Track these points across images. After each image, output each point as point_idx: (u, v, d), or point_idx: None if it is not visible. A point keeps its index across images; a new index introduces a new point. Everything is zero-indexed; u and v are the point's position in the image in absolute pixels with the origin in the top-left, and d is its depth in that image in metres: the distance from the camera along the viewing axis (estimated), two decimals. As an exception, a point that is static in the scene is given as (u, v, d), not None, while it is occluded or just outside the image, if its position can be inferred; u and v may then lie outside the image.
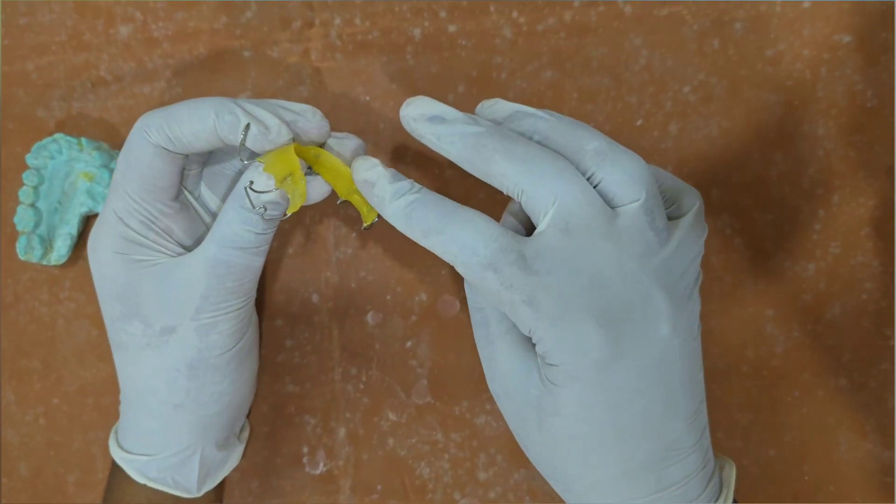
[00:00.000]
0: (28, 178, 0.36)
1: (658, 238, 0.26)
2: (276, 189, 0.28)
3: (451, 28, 0.37)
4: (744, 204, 0.36)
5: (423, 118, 0.27)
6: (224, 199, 0.33)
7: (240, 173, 0.33)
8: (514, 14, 0.36)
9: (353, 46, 0.37)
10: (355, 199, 0.30)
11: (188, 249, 0.31)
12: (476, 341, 0.29)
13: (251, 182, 0.28)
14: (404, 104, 0.28)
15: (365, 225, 0.30)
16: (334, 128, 0.31)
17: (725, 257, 0.37)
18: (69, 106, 0.38)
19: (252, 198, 0.28)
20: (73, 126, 0.38)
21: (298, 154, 0.29)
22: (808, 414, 0.37)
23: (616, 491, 0.27)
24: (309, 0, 0.37)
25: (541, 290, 0.25)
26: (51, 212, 0.37)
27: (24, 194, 0.36)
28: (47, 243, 0.37)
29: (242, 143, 0.28)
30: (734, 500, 0.29)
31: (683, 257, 0.26)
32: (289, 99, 0.37)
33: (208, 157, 0.33)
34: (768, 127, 0.36)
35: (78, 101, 0.38)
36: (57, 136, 0.36)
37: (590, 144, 0.26)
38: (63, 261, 0.37)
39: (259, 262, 0.30)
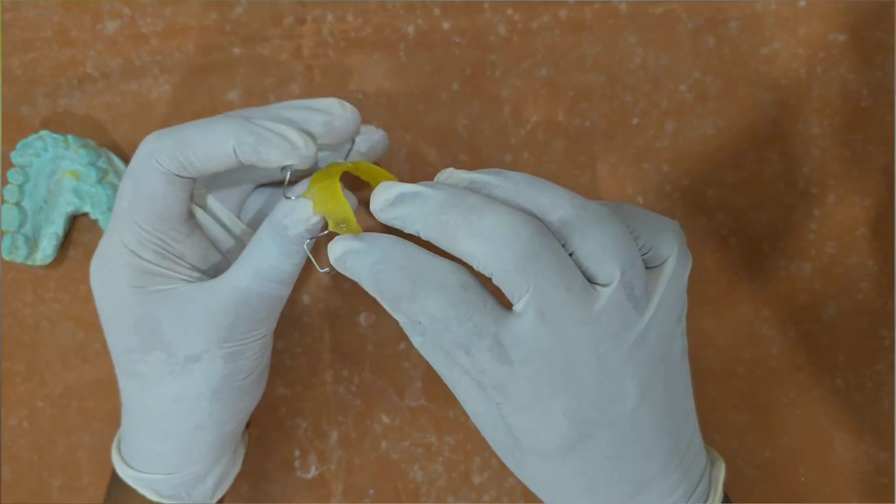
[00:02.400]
0: (13, 176, 0.35)
1: (636, 308, 0.24)
2: (328, 229, 0.27)
3: (445, 25, 0.36)
4: (739, 203, 0.36)
5: (387, 204, 0.24)
6: (237, 211, 0.32)
7: (252, 187, 0.33)
8: (509, 11, 0.36)
9: (345, 43, 0.36)
10: None
11: (201, 271, 0.30)
12: None
13: (290, 200, 0.27)
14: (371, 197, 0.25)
15: None
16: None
17: (720, 257, 0.36)
18: (55, 103, 0.38)
19: (297, 233, 0.28)
20: (59, 123, 0.38)
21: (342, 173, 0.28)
22: (804, 415, 0.36)
23: None
24: (300, -4, 0.36)
25: (512, 380, 0.23)
26: (36, 211, 0.36)
27: (9, 193, 0.35)
28: (32, 243, 0.36)
29: (287, 181, 0.27)
30: (727, 500, 0.28)
31: (664, 313, 0.25)
32: (280, 98, 0.37)
33: None
34: (763, 126, 0.36)
35: (64, 98, 0.38)
36: (42, 133, 0.35)
37: (553, 215, 0.23)
38: (48, 261, 0.37)
39: (289, 290, 0.30)
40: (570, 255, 0.23)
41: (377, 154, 0.32)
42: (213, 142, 0.26)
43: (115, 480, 0.32)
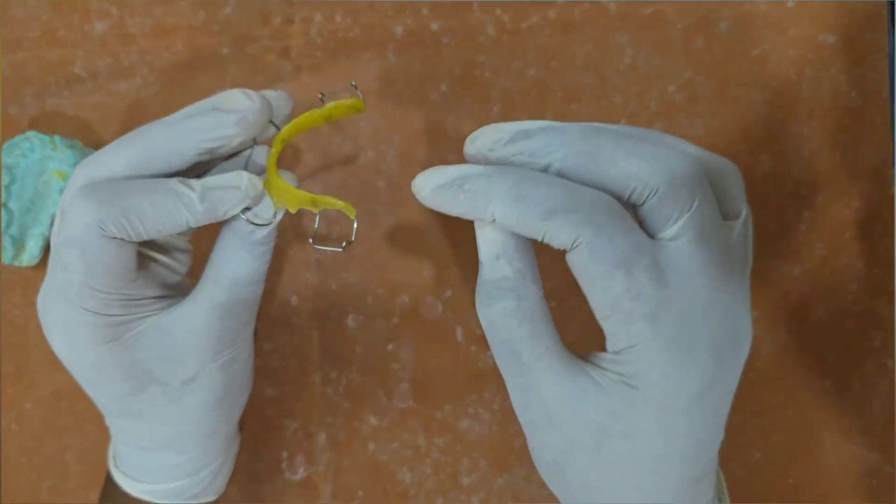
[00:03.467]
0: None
1: (748, 250, 0.24)
2: (275, 212, 0.27)
3: (434, 25, 0.36)
4: (729, 205, 0.36)
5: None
6: None
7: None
8: (498, 12, 0.36)
9: (333, 44, 0.36)
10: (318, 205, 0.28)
11: (166, 288, 0.29)
12: (502, 372, 0.26)
13: (252, 216, 0.27)
14: (416, 184, 0.24)
15: (344, 244, 0.28)
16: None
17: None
18: (43, 103, 0.37)
19: (258, 229, 0.27)
20: (47, 124, 0.37)
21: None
22: (794, 416, 0.36)
23: None
24: (289, -4, 0.36)
25: (665, 307, 0.22)
26: (23, 211, 0.36)
27: (-4, 193, 0.35)
28: (19, 244, 0.36)
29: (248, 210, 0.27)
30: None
31: (749, 256, 0.25)
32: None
33: None
34: (754, 127, 0.36)
35: (52, 98, 0.37)
36: (29, 133, 0.35)
37: (690, 150, 0.24)
38: (35, 261, 0.36)
39: (264, 285, 0.29)
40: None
41: (287, 111, 0.29)
42: (165, 215, 0.25)
43: (114, 487, 0.31)
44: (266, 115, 0.26)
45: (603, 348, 0.24)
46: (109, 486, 0.32)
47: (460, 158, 0.36)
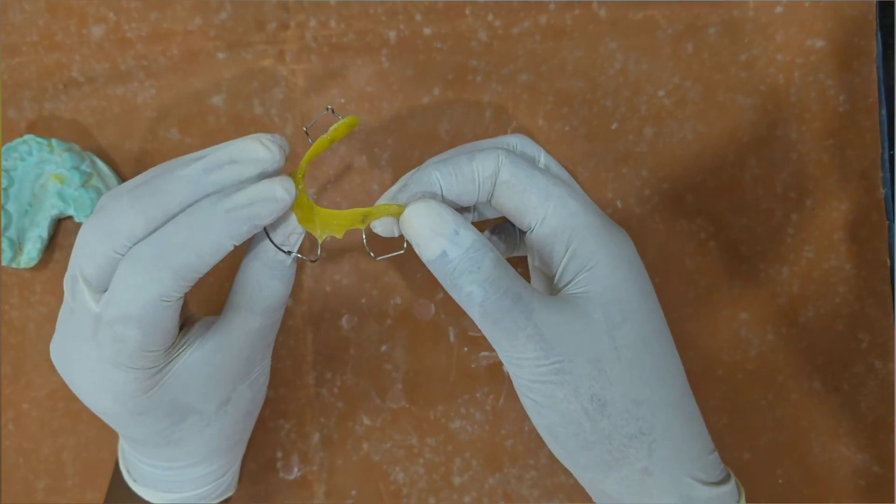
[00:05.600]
0: (-3, 179, 0.36)
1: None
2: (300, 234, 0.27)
3: (427, 31, 0.36)
4: (718, 207, 0.36)
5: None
6: None
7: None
8: (490, 17, 0.36)
9: (328, 48, 0.37)
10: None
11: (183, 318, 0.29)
12: (506, 333, 0.26)
13: (281, 240, 0.27)
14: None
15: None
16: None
17: (700, 261, 0.37)
18: (41, 107, 0.38)
19: (287, 257, 0.27)
20: (45, 127, 0.38)
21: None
22: (782, 417, 0.37)
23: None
24: (284, 1, 0.37)
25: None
26: (21, 214, 0.36)
27: (-6, 196, 0.36)
28: (17, 246, 0.37)
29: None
30: None
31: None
32: (263, 101, 0.37)
33: None
34: (742, 131, 0.36)
35: (50, 103, 0.38)
36: (27, 137, 0.36)
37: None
38: (33, 263, 0.37)
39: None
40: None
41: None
42: (211, 253, 0.25)
43: (122, 485, 0.32)
44: (283, 161, 0.26)
45: None
46: (119, 492, 0.32)
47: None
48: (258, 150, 0.25)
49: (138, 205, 0.25)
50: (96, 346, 0.26)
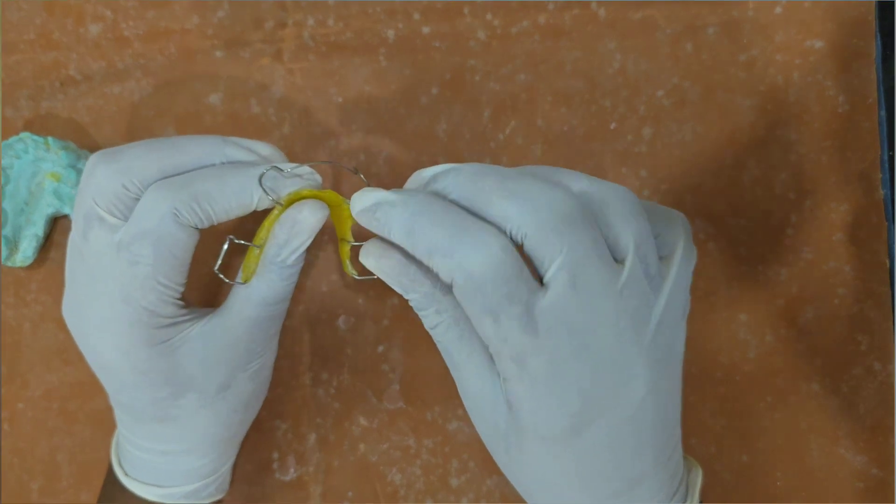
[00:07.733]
0: (-7, 177, 0.36)
1: (652, 286, 0.24)
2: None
3: (425, 30, 0.36)
4: (717, 209, 0.36)
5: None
6: None
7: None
8: (489, 16, 0.36)
9: (325, 47, 0.37)
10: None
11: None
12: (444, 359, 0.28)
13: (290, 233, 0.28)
14: (352, 202, 0.27)
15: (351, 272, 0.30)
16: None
17: (698, 262, 0.36)
18: (37, 105, 0.38)
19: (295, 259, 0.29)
20: (42, 126, 0.38)
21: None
22: (781, 419, 0.36)
23: None
24: (282, 0, 0.37)
25: (534, 352, 0.23)
26: (17, 212, 0.36)
27: (-11, 194, 0.36)
28: (12, 244, 0.36)
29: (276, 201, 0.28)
30: (701, 502, 0.29)
31: (675, 301, 0.25)
32: (260, 100, 0.37)
33: None
34: (741, 131, 0.36)
35: (46, 101, 0.38)
36: (23, 135, 0.36)
37: (575, 187, 0.24)
38: (29, 262, 0.37)
39: (289, 301, 0.30)
40: None
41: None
42: (232, 195, 0.27)
43: (117, 485, 0.32)
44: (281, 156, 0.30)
45: None
46: (112, 491, 0.32)
47: (451, 162, 0.37)
48: (267, 148, 0.29)
49: (154, 152, 0.27)
50: (111, 280, 0.27)
